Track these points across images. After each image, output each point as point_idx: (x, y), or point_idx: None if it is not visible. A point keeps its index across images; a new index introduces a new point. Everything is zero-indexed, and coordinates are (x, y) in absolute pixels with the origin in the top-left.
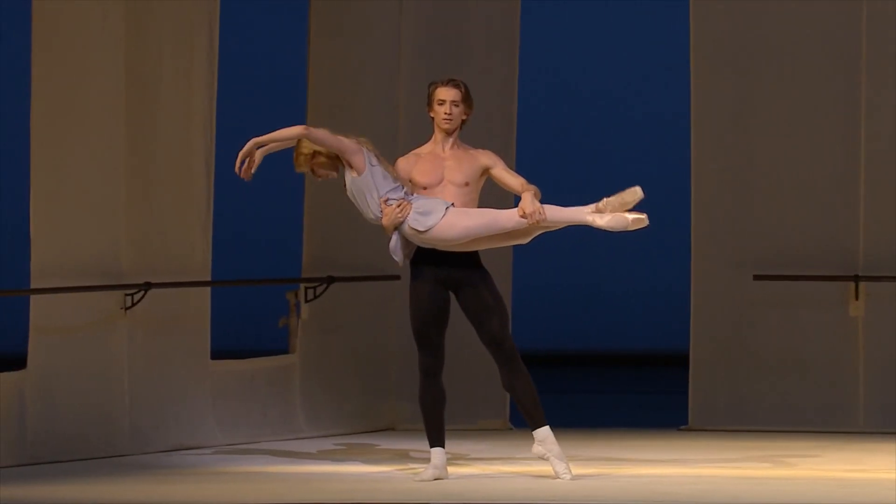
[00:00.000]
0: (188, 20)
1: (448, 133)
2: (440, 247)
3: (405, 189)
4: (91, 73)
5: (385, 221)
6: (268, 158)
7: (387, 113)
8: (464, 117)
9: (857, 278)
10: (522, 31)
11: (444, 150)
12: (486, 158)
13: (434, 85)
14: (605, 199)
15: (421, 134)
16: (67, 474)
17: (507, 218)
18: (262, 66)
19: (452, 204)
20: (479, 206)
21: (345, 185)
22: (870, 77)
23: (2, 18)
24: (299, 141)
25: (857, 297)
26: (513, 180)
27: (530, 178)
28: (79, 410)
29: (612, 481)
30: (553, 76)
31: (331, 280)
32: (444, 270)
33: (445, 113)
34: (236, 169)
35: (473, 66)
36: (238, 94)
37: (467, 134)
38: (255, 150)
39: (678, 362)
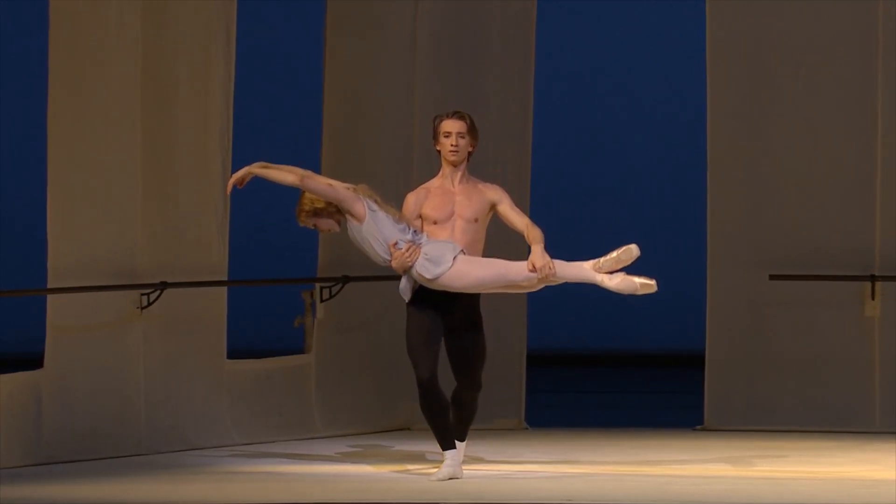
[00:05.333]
0: (205, 21)
1: (455, 165)
2: (447, 290)
3: (412, 229)
4: (107, 73)
5: (394, 265)
6: (282, 157)
7: (402, 114)
8: (470, 149)
9: (873, 278)
10: (538, 30)
11: (453, 184)
12: (494, 194)
13: (439, 118)
14: (601, 260)
15: None
16: (83, 474)
17: (517, 271)
18: (279, 67)
19: (463, 251)
20: (488, 230)
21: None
22: (886, 76)
23: (18, 19)
24: (300, 196)
25: (872, 297)
26: (517, 219)
27: (546, 178)
28: (95, 410)
29: (628, 481)
30: (569, 76)
31: (346, 279)
32: (444, 302)
33: (452, 145)
34: (228, 190)
35: (489, 67)
36: (254, 94)
37: (484, 135)
38: (249, 176)
39: (693, 362)
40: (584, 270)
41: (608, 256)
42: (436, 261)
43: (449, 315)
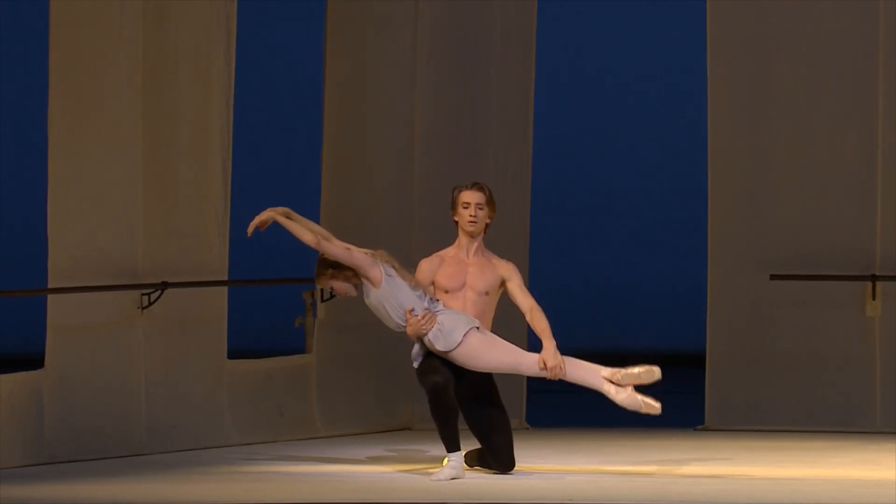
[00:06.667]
0: (206, 21)
1: (473, 236)
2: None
3: (429, 297)
4: (108, 73)
5: (409, 331)
6: (282, 156)
7: (403, 114)
8: (488, 220)
9: (873, 278)
10: (539, 29)
11: (468, 255)
12: (506, 271)
13: (458, 189)
14: (622, 371)
15: (436, 141)
16: (84, 474)
17: (528, 365)
18: (279, 67)
19: (477, 327)
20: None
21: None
22: (887, 76)
23: (18, 18)
24: (319, 258)
25: (873, 297)
26: (523, 300)
27: (546, 177)
28: (96, 410)
29: (628, 481)
30: (569, 75)
31: None
32: (455, 368)
33: (470, 215)
34: (249, 231)
35: (489, 66)
36: (254, 94)
37: (485, 135)
38: (271, 220)
39: (695, 362)
40: (595, 377)
41: (629, 371)
42: (449, 333)
43: (459, 380)
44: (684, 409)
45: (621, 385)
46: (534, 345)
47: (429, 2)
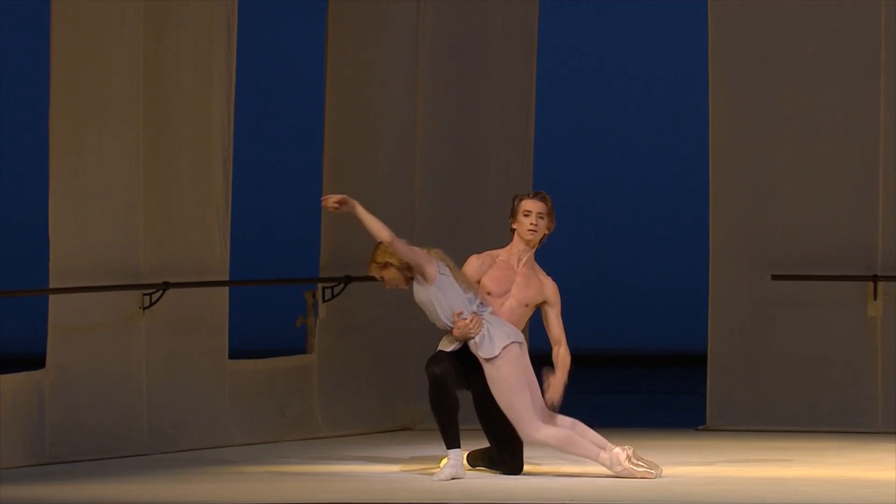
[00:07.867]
0: (207, 20)
1: (529, 245)
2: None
3: (478, 301)
4: (109, 73)
5: (457, 334)
6: (283, 157)
7: (404, 114)
8: (546, 231)
9: (875, 278)
10: (540, 29)
11: (518, 263)
12: (550, 293)
13: (519, 198)
14: (634, 453)
15: (437, 138)
16: (86, 474)
17: (526, 431)
18: (280, 66)
19: (521, 342)
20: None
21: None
22: (888, 75)
23: (21, 18)
24: (375, 248)
25: (875, 297)
26: (556, 329)
27: (548, 177)
28: (97, 410)
29: (629, 481)
30: (571, 76)
31: (348, 280)
32: (471, 363)
33: (531, 223)
34: (330, 203)
35: (491, 66)
36: (256, 93)
37: (486, 134)
38: (345, 205)
39: (696, 362)
40: (592, 451)
41: (640, 457)
42: (491, 341)
43: (472, 382)
44: (685, 409)
45: (620, 451)
46: (534, 346)
47: (430, 2)
